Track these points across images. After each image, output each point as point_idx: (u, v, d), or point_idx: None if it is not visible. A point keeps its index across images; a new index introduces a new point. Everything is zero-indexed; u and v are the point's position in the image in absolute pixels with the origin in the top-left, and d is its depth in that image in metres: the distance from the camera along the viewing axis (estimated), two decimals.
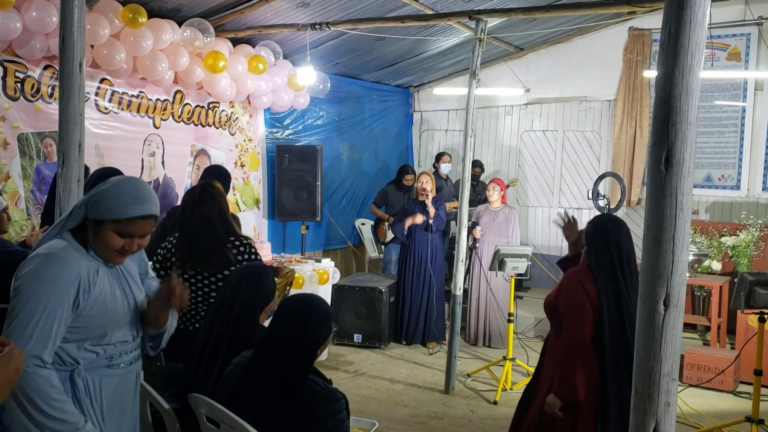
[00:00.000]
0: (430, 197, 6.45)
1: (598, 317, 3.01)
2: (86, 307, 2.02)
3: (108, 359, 2.12)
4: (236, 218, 5.02)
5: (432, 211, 6.45)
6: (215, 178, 4.23)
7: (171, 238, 3.48)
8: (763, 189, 7.35)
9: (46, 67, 5.04)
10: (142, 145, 5.94)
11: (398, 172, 7.84)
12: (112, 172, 3.89)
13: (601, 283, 3.03)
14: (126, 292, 2.17)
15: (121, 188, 2.05)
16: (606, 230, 3.11)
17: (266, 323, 2.80)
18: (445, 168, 7.97)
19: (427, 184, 6.49)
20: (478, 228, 6.65)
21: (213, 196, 3.43)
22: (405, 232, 6.57)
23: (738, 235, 6.80)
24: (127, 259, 2.19)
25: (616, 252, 3.04)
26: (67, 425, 1.92)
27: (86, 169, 3.76)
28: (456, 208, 6.29)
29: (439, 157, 8.08)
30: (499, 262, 5.49)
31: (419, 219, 6.50)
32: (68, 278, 1.98)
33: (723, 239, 6.86)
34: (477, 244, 6.67)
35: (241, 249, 3.31)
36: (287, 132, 7.74)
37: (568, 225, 3.72)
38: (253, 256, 3.33)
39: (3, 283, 3.68)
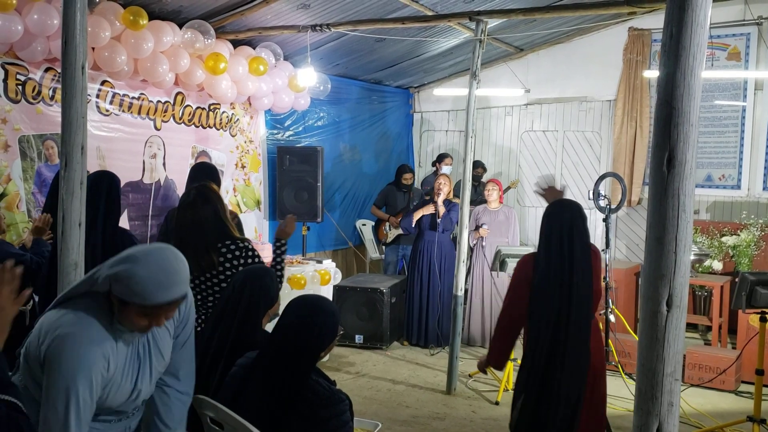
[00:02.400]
0: (442, 197, 6.49)
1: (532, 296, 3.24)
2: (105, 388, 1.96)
3: (102, 422, 2.05)
4: (237, 217, 5.03)
5: (442, 209, 6.47)
6: (205, 177, 4.21)
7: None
8: (764, 188, 7.35)
9: (47, 70, 5.04)
10: (143, 147, 5.95)
11: (397, 172, 7.85)
12: (109, 175, 3.90)
13: (540, 263, 3.23)
14: (142, 368, 2.05)
15: (148, 272, 1.87)
16: (548, 215, 3.30)
17: (268, 326, 2.81)
18: (446, 170, 7.96)
19: (445, 186, 6.54)
20: (485, 226, 6.65)
21: (207, 198, 3.40)
22: (413, 224, 6.60)
23: (739, 235, 6.81)
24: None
25: (556, 234, 3.20)
26: None
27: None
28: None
29: (441, 158, 8.05)
30: (500, 262, 5.50)
31: (429, 209, 6.53)
32: (99, 366, 1.90)
33: (724, 239, 6.87)
34: (483, 243, 6.67)
35: (237, 253, 3.27)
36: (288, 133, 7.74)
37: (550, 191, 3.63)
38: (250, 259, 3.30)
39: None
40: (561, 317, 3.14)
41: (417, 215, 6.57)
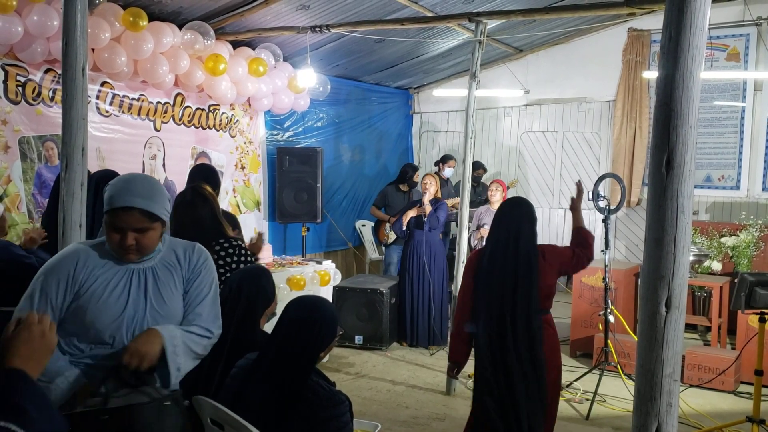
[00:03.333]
0: (428, 196, 6.47)
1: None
2: (78, 300, 2.09)
3: (91, 358, 2.12)
4: (233, 217, 5.04)
5: (428, 208, 6.46)
6: (203, 179, 4.23)
7: None
8: (763, 189, 7.36)
9: (47, 71, 5.05)
10: (143, 148, 5.95)
11: (401, 171, 7.81)
12: (111, 174, 3.90)
13: (483, 261, 3.43)
14: (135, 297, 2.15)
15: (115, 181, 2.12)
16: (497, 214, 3.54)
17: (266, 326, 2.82)
18: (448, 172, 7.94)
19: (431, 186, 6.52)
20: (485, 227, 6.65)
21: (204, 197, 3.46)
22: (404, 228, 6.60)
23: (738, 236, 6.81)
24: (166, 266, 2.22)
25: (503, 233, 3.43)
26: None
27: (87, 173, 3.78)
28: (457, 207, 6.30)
29: (445, 159, 7.99)
30: None
31: (413, 212, 6.54)
32: (65, 265, 2.12)
33: (723, 239, 6.87)
34: (483, 244, 6.67)
35: (230, 251, 3.32)
36: (287, 134, 7.75)
37: (579, 196, 3.84)
38: (242, 257, 3.33)
39: (12, 285, 3.70)
40: (504, 319, 3.32)
41: (405, 218, 6.58)
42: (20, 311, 2.05)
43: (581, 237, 3.59)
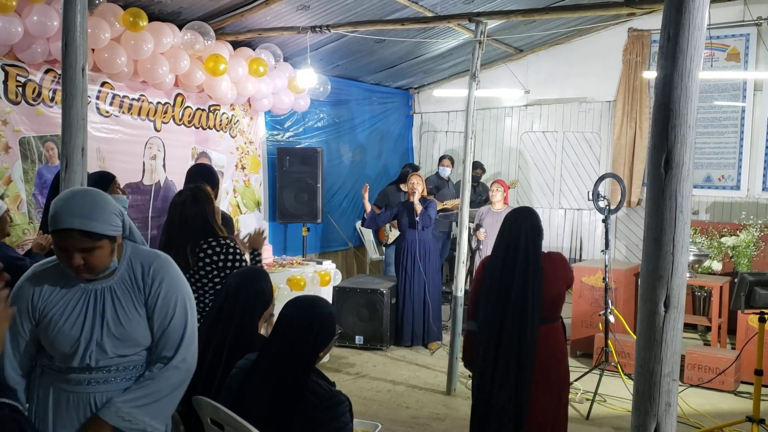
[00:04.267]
0: (417, 195, 6.49)
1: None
2: (40, 324, 2.13)
3: (58, 370, 2.15)
4: (229, 219, 5.05)
5: (419, 208, 6.48)
6: (201, 179, 4.25)
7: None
8: (763, 189, 7.36)
9: (47, 71, 5.05)
10: (143, 149, 5.95)
11: (402, 172, 7.83)
12: (107, 175, 3.93)
13: (487, 269, 3.50)
14: (91, 319, 2.12)
15: (55, 200, 2.07)
16: (503, 224, 3.53)
17: (263, 327, 2.82)
18: (443, 171, 7.97)
19: (418, 185, 6.54)
20: (482, 230, 6.65)
21: (197, 198, 3.47)
22: (373, 220, 6.71)
23: (738, 236, 6.81)
24: (125, 286, 2.16)
25: (504, 243, 3.46)
26: None
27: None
28: (457, 207, 6.30)
29: (440, 159, 8.10)
30: None
31: (367, 206, 6.63)
32: (26, 293, 2.14)
33: (723, 239, 6.87)
34: (481, 246, 6.68)
35: (217, 249, 3.34)
36: (288, 134, 7.75)
37: None
38: (231, 256, 3.34)
39: (6, 287, 3.70)
40: (496, 328, 3.40)
41: (368, 209, 6.63)
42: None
43: None
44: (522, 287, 3.36)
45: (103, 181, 3.82)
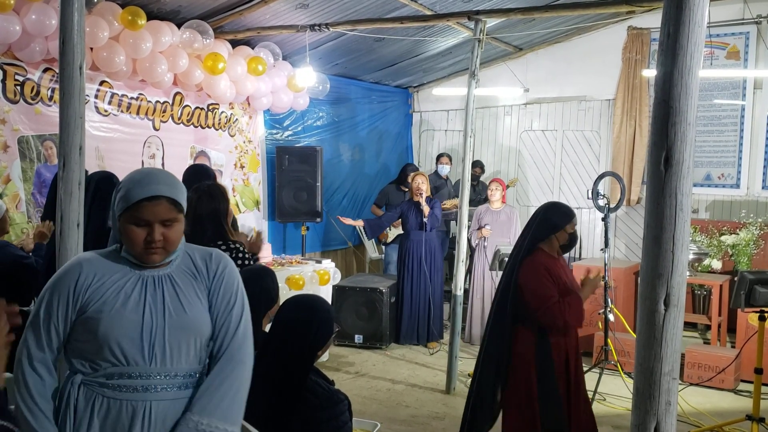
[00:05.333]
0: (424, 196, 6.48)
1: None
2: (86, 313, 1.89)
3: (105, 377, 1.89)
4: (234, 220, 5.04)
5: (426, 209, 6.47)
6: (197, 180, 4.23)
7: None
8: (763, 187, 7.35)
9: (45, 70, 5.04)
10: (142, 147, 5.94)
11: (402, 171, 7.82)
12: (97, 177, 3.91)
13: None
14: (151, 306, 1.92)
15: (129, 176, 1.95)
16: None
17: (268, 327, 2.81)
18: (441, 169, 7.97)
19: (423, 185, 6.53)
20: (487, 227, 6.64)
21: (213, 196, 3.44)
22: (377, 226, 6.84)
23: (738, 234, 6.81)
24: (184, 273, 1.99)
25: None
26: None
27: (85, 172, 3.79)
28: (456, 207, 6.30)
29: (438, 158, 8.10)
30: (499, 261, 5.50)
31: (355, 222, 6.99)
32: (66, 280, 1.91)
33: (723, 238, 6.86)
34: (485, 243, 6.67)
35: (227, 254, 3.31)
36: (287, 133, 7.74)
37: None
38: (239, 261, 3.32)
39: (11, 285, 3.71)
40: (488, 322, 3.54)
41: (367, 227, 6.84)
42: (25, 333, 1.91)
43: (572, 305, 3.33)
44: (507, 285, 3.41)
45: (109, 182, 3.80)
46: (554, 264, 3.42)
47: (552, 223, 3.41)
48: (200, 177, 4.47)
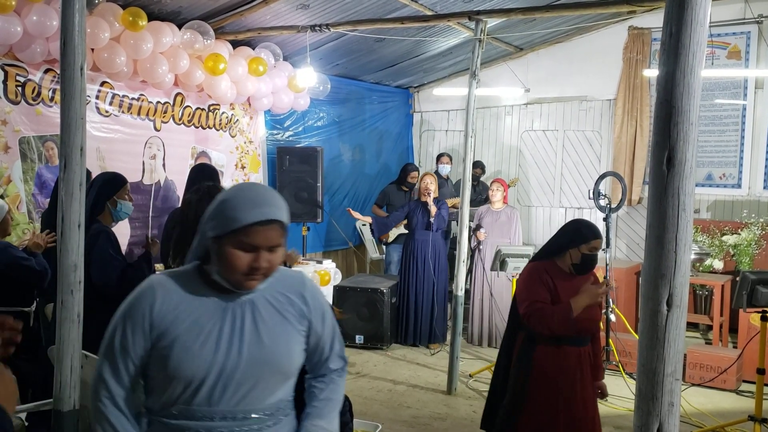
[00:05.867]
0: (432, 197, 6.49)
1: None
2: (159, 344, 1.71)
3: (169, 416, 1.74)
4: None
5: (433, 210, 6.47)
6: (205, 179, 4.23)
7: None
8: (765, 187, 7.34)
9: (46, 71, 5.04)
10: (143, 148, 5.94)
11: (402, 170, 7.82)
12: (114, 176, 3.91)
13: None
14: (228, 338, 1.73)
15: (237, 195, 1.73)
16: None
17: None
18: (442, 169, 7.97)
19: (431, 185, 6.53)
20: (482, 230, 6.64)
21: (213, 197, 3.43)
22: (384, 225, 6.87)
23: (739, 234, 6.80)
24: (269, 301, 1.80)
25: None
26: None
27: (88, 173, 3.80)
28: (457, 207, 6.29)
29: (438, 157, 8.10)
30: (500, 262, 5.49)
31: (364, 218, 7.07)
32: (140, 306, 1.72)
33: (724, 238, 6.86)
34: (480, 246, 6.67)
35: None
36: (287, 133, 7.74)
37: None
38: None
39: (12, 286, 3.70)
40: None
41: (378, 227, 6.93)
42: (101, 365, 1.74)
43: (564, 313, 3.18)
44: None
45: (114, 183, 3.81)
46: (561, 277, 3.27)
47: (568, 239, 3.28)
48: (206, 177, 4.48)
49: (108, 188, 3.75)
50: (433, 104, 9.50)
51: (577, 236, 3.25)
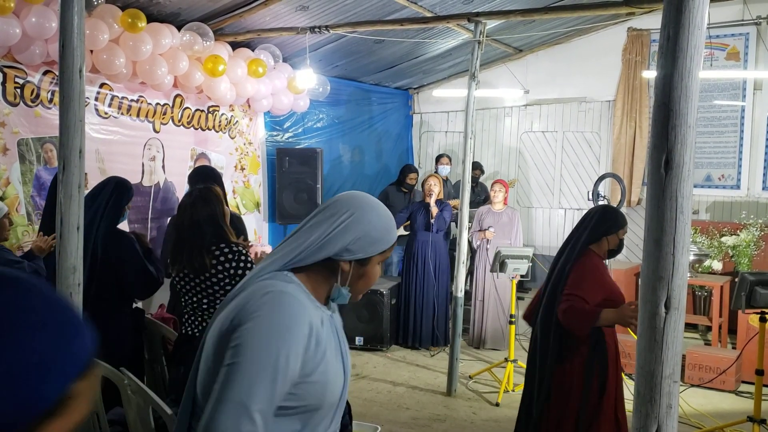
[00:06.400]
0: (434, 198, 6.50)
1: None
2: (309, 370, 1.56)
3: None
4: (240, 220, 5.05)
5: (435, 211, 6.47)
6: (206, 180, 4.24)
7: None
8: (763, 188, 7.35)
9: (45, 73, 5.04)
10: (143, 150, 5.94)
11: (401, 172, 7.83)
12: (115, 182, 3.93)
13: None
14: (344, 353, 1.71)
15: (378, 216, 1.69)
16: None
17: None
18: (442, 170, 7.97)
19: (435, 187, 6.54)
20: (491, 229, 6.64)
21: (207, 200, 3.43)
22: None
23: (738, 235, 6.80)
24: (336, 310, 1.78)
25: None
26: None
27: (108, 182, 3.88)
28: (456, 208, 6.30)
29: (437, 158, 8.10)
30: (500, 263, 5.49)
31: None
32: (300, 330, 1.54)
33: (723, 239, 6.86)
34: (488, 246, 6.66)
35: (229, 256, 3.29)
36: (287, 135, 7.74)
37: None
38: (242, 263, 3.31)
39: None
40: (537, 321, 3.45)
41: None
42: (258, 386, 1.46)
43: (585, 314, 3.20)
44: (554, 285, 3.34)
45: (130, 191, 3.91)
46: (603, 266, 3.44)
47: (607, 226, 3.37)
48: (207, 178, 4.48)
49: (120, 196, 3.87)
50: (433, 105, 9.51)
51: (614, 223, 3.39)
